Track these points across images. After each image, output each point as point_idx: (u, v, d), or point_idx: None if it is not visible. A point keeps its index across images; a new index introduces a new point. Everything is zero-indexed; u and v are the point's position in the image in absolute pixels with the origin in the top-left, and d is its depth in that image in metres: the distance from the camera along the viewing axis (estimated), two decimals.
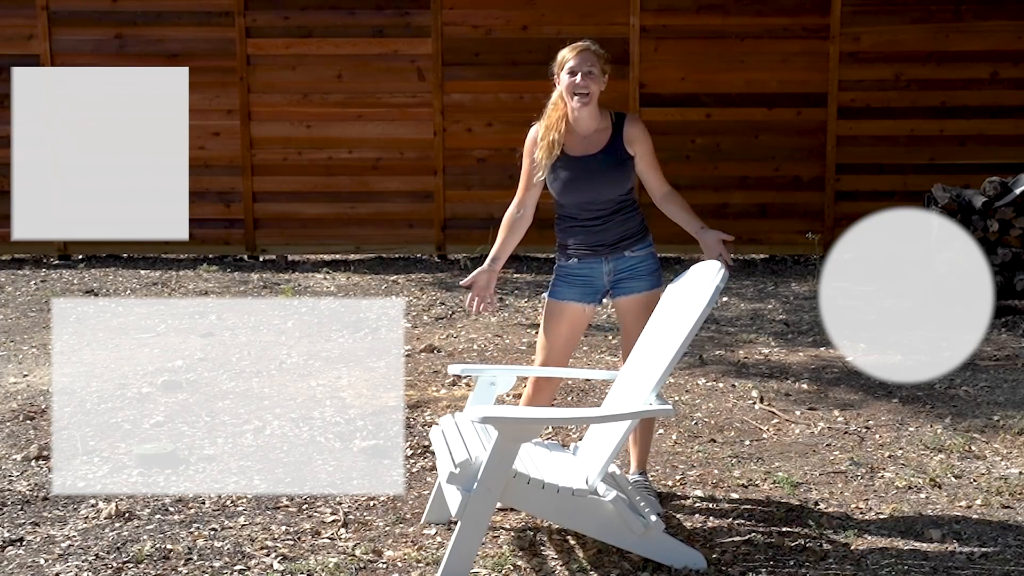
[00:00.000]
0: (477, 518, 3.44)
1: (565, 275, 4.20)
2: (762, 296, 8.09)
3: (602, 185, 4.09)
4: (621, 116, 4.18)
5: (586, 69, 4.03)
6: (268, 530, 4.06)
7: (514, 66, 9.32)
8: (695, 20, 9.26)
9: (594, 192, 4.09)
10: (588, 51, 4.07)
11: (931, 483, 4.43)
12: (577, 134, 4.12)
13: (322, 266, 9.30)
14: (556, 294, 4.20)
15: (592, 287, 4.17)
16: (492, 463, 3.41)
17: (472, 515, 3.43)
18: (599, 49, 4.13)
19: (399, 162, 9.49)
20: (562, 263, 4.21)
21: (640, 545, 3.63)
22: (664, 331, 3.80)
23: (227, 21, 9.35)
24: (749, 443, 4.96)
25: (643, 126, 4.18)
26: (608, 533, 3.61)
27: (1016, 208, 7.22)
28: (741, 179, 9.36)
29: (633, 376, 3.87)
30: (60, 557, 3.83)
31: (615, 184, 4.10)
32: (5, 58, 9.37)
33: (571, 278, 4.18)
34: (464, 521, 3.44)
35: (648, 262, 4.15)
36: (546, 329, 4.22)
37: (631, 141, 4.12)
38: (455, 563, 3.46)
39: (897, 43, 9.22)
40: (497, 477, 3.42)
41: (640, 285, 4.13)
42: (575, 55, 4.05)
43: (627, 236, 4.13)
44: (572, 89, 4.03)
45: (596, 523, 3.59)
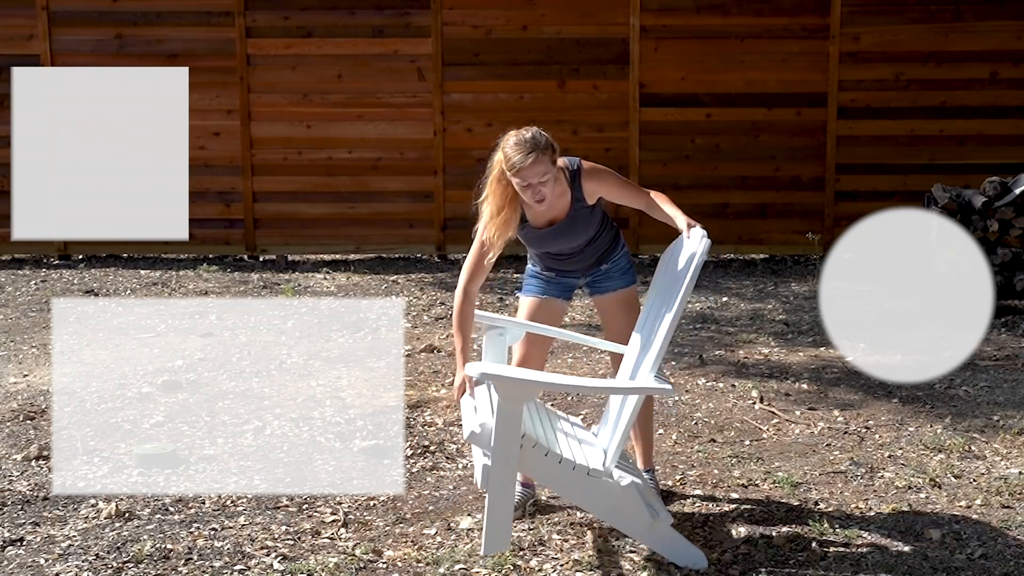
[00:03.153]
0: (502, 487, 3.43)
1: (539, 275, 4.24)
2: (762, 296, 8.09)
3: (574, 237, 4.06)
4: (575, 173, 3.99)
5: (537, 180, 3.78)
6: (268, 530, 4.06)
7: (514, 66, 9.32)
8: (695, 20, 9.25)
9: (567, 243, 4.09)
10: (537, 160, 3.76)
11: (931, 483, 4.43)
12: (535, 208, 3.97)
13: (322, 266, 9.30)
14: (530, 291, 4.23)
15: (565, 284, 4.23)
16: (499, 426, 3.40)
17: (496, 484, 3.43)
18: (547, 141, 3.82)
19: (399, 162, 9.49)
20: (538, 271, 4.24)
21: (646, 535, 3.64)
22: (658, 307, 3.82)
23: (227, 21, 9.35)
24: (749, 443, 4.96)
25: (597, 174, 4.00)
26: (616, 518, 3.62)
27: (1016, 208, 7.22)
28: (741, 179, 9.36)
29: (634, 354, 3.90)
30: (60, 557, 3.83)
31: (588, 230, 4.07)
32: (5, 58, 9.37)
33: (546, 279, 4.23)
34: (490, 492, 3.44)
35: (621, 263, 4.19)
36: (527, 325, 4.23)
37: (591, 195, 4.02)
38: (493, 535, 3.45)
39: (897, 43, 9.22)
40: (509, 441, 3.41)
41: (614, 284, 4.18)
42: (528, 166, 3.75)
43: (601, 254, 4.16)
44: (530, 199, 3.86)
45: (606, 506, 3.60)
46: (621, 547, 3.86)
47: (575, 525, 4.05)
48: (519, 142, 3.80)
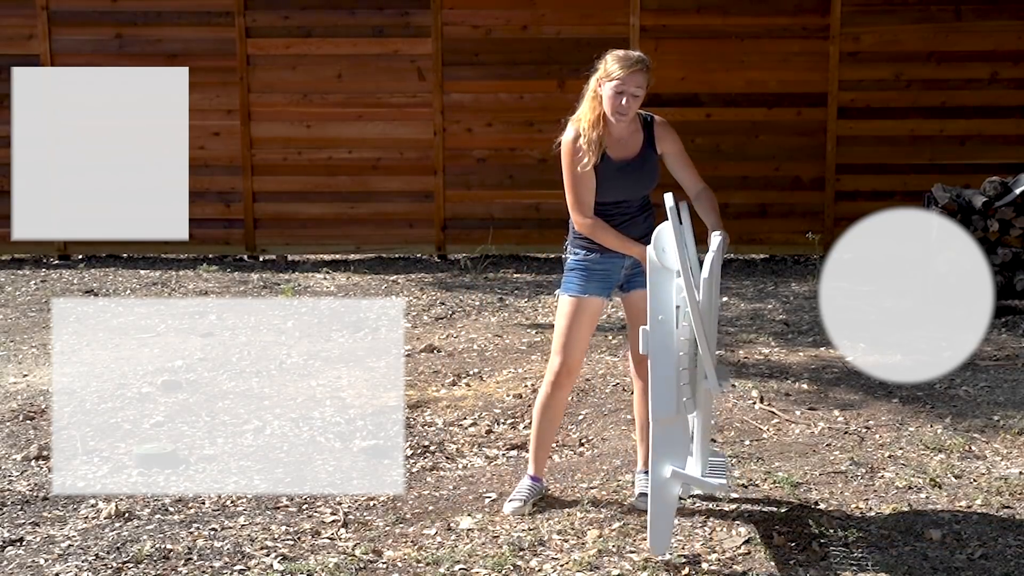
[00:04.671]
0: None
1: (584, 269, 4.17)
2: (762, 296, 8.09)
3: (640, 186, 4.19)
4: (648, 117, 4.24)
5: (632, 91, 4.02)
6: (268, 530, 4.06)
7: (514, 66, 9.32)
8: (695, 20, 9.25)
9: (632, 192, 4.17)
10: (639, 72, 4.02)
11: (931, 483, 4.43)
12: (613, 137, 4.16)
13: (322, 266, 9.30)
14: (575, 290, 4.17)
15: (608, 281, 4.17)
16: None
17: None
18: (650, 64, 4.10)
19: (399, 162, 9.49)
20: (580, 257, 4.19)
21: (655, 479, 3.67)
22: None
23: (227, 21, 9.35)
24: (749, 443, 4.96)
25: (670, 127, 4.26)
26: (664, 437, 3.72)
27: (1016, 208, 7.22)
28: (741, 179, 9.36)
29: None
30: (60, 557, 3.83)
31: (649, 183, 4.22)
32: (5, 58, 9.36)
33: (590, 272, 4.16)
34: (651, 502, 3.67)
35: None
36: (568, 327, 4.16)
37: (661, 141, 4.20)
38: (657, 537, 3.64)
39: (897, 43, 9.21)
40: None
41: None
42: (626, 74, 4.01)
43: (647, 233, 4.16)
44: (615, 107, 4.05)
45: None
46: (621, 547, 3.86)
47: (575, 525, 4.05)
48: (623, 55, 4.06)
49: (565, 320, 4.18)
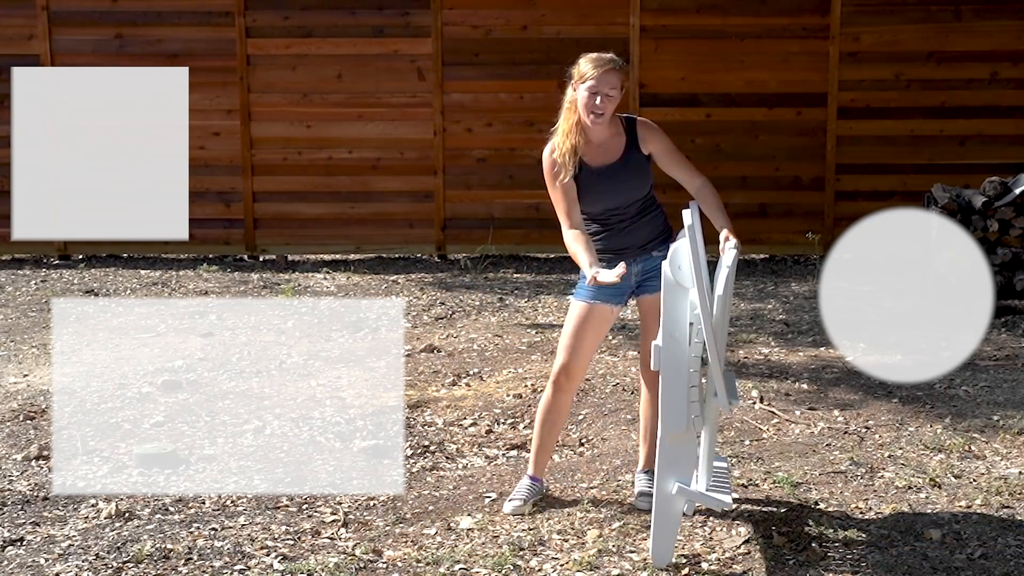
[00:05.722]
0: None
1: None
2: (762, 296, 8.09)
3: (627, 190, 4.13)
4: (631, 120, 4.20)
5: (607, 91, 3.99)
6: (268, 530, 4.06)
7: (514, 66, 9.32)
8: (695, 20, 9.25)
9: (620, 197, 4.12)
10: (612, 71, 4.00)
11: (931, 483, 4.43)
12: (592, 143, 4.12)
13: (322, 266, 9.30)
14: (585, 295, 4.15)
15: (619, 288, 4.11)
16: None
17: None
18: (622, 64, 4.08)
19: (399, 162, 9.49)
20: None
21: (659, 492, 3.68)
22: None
23: (227, 21, 9.35)
24: (749, 443, 4.96)
25: (654, 125, 4.22)
26: (670, 448, 3.73)
27: (1016, 208, 7.22)
28: (741, 179, 9.36)
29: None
30: (60, 557, 3.83)
31: (639, 187, 4.15)
32: (5, 58, 9.36)
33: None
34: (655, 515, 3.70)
35: None
36: (574, 331, 4.15)
37: (645, 141, 4.15)
38: (659, 550, 3.67)
39: (897, 43, 9.21)
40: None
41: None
42: (599, 74, 3.98)
43: (654, 236, 4.16)
44: (589, 108, 4.02)
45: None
46: (621, 547, 3.86)
47: (575, 525, 4.05)
48: (594, 56, 4.04)
49: (572, 324, 4.17)
